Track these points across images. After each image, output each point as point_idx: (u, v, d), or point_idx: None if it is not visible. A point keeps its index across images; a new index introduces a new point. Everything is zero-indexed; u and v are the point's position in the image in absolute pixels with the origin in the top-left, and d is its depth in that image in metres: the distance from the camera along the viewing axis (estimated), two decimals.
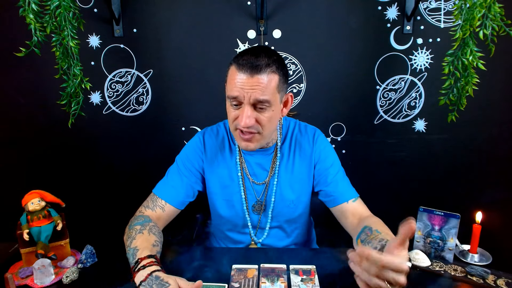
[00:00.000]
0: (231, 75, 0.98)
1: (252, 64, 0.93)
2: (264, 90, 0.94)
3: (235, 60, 0.97)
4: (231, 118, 1.01)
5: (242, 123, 0.96)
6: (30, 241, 0.96)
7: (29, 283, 0.91)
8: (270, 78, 0.95)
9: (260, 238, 1.18)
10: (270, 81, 0.95)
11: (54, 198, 1.03)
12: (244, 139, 1.01)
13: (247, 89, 0.94)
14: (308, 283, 0.91)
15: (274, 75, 0.96)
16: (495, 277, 0.93)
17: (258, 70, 0.93)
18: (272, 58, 0.97)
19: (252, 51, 0.97)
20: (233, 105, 0.99)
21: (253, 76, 0.93)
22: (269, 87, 0.95)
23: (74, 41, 1.19)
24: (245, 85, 0.94)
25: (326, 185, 1.11)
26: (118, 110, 1.71)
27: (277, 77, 0.97)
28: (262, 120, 0.98)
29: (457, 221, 0.99)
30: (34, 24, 1.09)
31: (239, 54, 0.98)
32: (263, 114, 0.97)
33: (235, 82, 0.95)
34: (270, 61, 0.95)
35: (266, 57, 0.96)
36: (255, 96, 0.94)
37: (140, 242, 0.91)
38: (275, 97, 0.98)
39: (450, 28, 1.54)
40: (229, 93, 0.98)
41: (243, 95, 0.95)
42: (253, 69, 0.93)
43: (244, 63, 0.94)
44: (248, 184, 1.15)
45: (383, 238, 0.87)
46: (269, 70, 0.95)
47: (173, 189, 1.11)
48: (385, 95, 1.65)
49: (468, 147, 1.67)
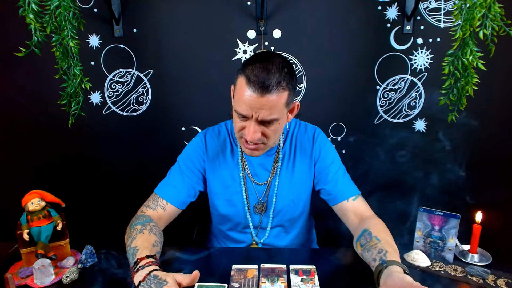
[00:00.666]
0: (239, 88, 0.95)
1: (263, 83, 0.90)
2: (273, 109, 0.93)
3: (245, 71, 0.93)
4: (237, 127, 1.01)
5: (249, 137, 0.96)
6: (30, 241, 0.96)
7: (29, 283, 0.91)
8: (280, 96, 0.93)
9: (262, 238, 1.18)
10: (279, 99, 0.93)
11: (54, 198, 1.03)
12: (250, 149, 1.02)
13: (256, 108, 0.93)
14: (308, 283, 0.91)
15: (283, 92, 0.94)
16: (495, 277, 0.93)
17: (268, 91, 0.91)
18: (283, 72, 0.93)
19: (263, 64, 0.92)
20: (240, 117, 0.98)
21: (263, 96, 0.91)
22: (278, 105, 0.94)
23: (74, 41, 1.19)
24: (254, 103, 0.92)
25: (326, 184, 1.12)
26: (118, 110, 1.71)
27: (287, 93, 0.95)
28: (268, 133, 0.98)
29: (457, 221, 1.00)
30: (34, 24, 1.09)
31: (250, 64, 0.94)
32: (269, 128, 0.98)
33: (243, 98, 0.93)
34: (281, 77, 0.92)
35: (278, 72, 0.92)
36: (263, 116, 0.94)
37: (140, 242, 0.91)
38: (283, 112, 0.97)
39: (450, 28, 1.54)
40: (236, 107, 0.96)
41: (251, 114, 0.94)
42: (263, 90, 0.90)
43: (255, 81, 0.90)
44: (249, 184, 1.15)
45: (382, 249, 0.89)
46: (280, 88, 0.92)
47: (175, 189, 1.11)
48: (385, 95, 1.65)
49: (468, 147, 1.67)
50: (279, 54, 1.00)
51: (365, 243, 0.94)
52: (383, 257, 0.86)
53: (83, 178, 1.78)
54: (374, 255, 0.89)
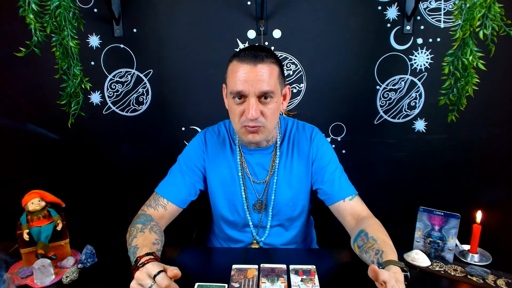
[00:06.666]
0: (232, 70, 0.99)
1: (254, 54, 0.97)
2: (268, 80, 0.97)
3: (235, 56, 1.00)
4: (237, 114, 1.01)
5: (249, 115, 0.97)
6: (30, 241, 0.96)
7: (29, 283, 0.91)
8: (272, 68, 0.99)
9: (262, 237, 1.19)
10: (272, 71, 0.98)
11: (54, 198, 1.03)
12: (250, 131, 1.02)
13: (252, 81, 0.95)
14: (308, 283, 0.91)
15: (274, 65, 1.00)
16: (495, 277, 0.93)
17: (260, 59, 0.97)
18: (270, 52, 1.01)
19: (249, 47, 1.01)
20: (237, 100, 0.99)
21: (256, 65, 0.96)
22: (272, 77, 0.98)
23: (74, 41, 1.19)
24: (249, 76, 0.96)
25: (323, 183, 1.12)
26: (118, 110, 1.71)
27: (277, 68, 1.01)
28: (267, 112, 1.00)
29: (457, 221, 1.00)
30: (34, 24, 1.09)
31: (238, 51, 1.01)
32: (267, 106, 0.99)
33: (237, 75, 0.97)
34: (268, 54, 1.00)
35: (265, 50, 1.00)
36: (260, 88, 0.96)
37: (141, 241, 0.92)
38: (277, 88, 1.01)
39: (450, 28, 1.54)
40: (232, 88, 0.98)
41: (248, 89, 0.96)
42: (256, 59, 0.96)
43: (246, 55, 0.97)
44: (248, 183, 1.16)
45: (378, 250, 0.89)
46: (270, 60, 0.98)
47: (175, 188, 1.12)
48: (385, 95, 1.65)
49: (468, 147, 1.67)
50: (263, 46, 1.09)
51: (362, 244, 0.95)
52: (379, 258, 0.87)
53: (83, 178, 1.78)
54: (372, 257, 0.89)
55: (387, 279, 0.73)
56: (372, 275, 0.74)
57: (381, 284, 0.74)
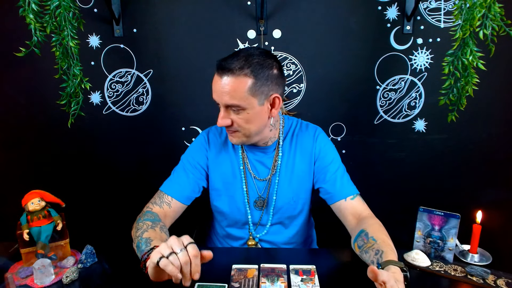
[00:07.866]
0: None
1: (223, 65, 0.95)
2: (232, 94, 0.95)
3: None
4: None
5: (217, 123, 1.01)
6: (30, 241, 0.96)
7: (29, 283, 0.91)
8: (240, 82, 0.95)
9: (259, 233, 1.19)
10: (239, 83, 0.95)
11: (54, 198, 1.03)
12: (229, 134, 1.07)
13: (219, 91, 0.97)
14: (308, 283, 0.91)
15: (245, 78, 0.95)
16: (495, 277, 0.93)
17: (228, 72, 0.95)
18: (251, 61, 0.95)
19: (235, 53, 0.98)
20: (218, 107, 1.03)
21: (222, 77, 0.96)
22: (238, 91, 0.95)
23: (74, 41, 1.19)
24: (216, 86, 0.98)
25: (325, 182, 1.12)
26: (118, 110, 1.71)
27: (250, 80, 0.95)
28: (237, 121, 1.01)
29: (457, 221, 1.00)
30: (34, 24, 1.09)
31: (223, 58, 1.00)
32: (237, 116, 1.00)
33: (212, 83, 1.00)
34: (246, 64, 0.94)
35: (244, 59, 0.95)
36: (225, 101, 0.97)
37: (154, 235, 0.93)
38: (249, 101, 0.97)
39: (450, 28, 1.54)
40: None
41: (217, 99, 0.99)
42: (223, 71, 0.95)
43: (219, 64, 0.96)
44: (250, 179, 1.17)
45: (378, 250, 0.89)
46: (239, 73, 0.94)
47: (179, 185, 1.13)
48: (385, 95, 1.65)
49: (468, 147, 1.67)
50: (269, 52, 1.03)
51: (363, 244, 0.95)
52: (379, 258, 0.87)
53: (83, 178, 1.78)
54: (371, 257, 0.90)
55: (386, 279, 0.73)
56: (371, 275, 0.74)
57: (380, 284, 0.74)
